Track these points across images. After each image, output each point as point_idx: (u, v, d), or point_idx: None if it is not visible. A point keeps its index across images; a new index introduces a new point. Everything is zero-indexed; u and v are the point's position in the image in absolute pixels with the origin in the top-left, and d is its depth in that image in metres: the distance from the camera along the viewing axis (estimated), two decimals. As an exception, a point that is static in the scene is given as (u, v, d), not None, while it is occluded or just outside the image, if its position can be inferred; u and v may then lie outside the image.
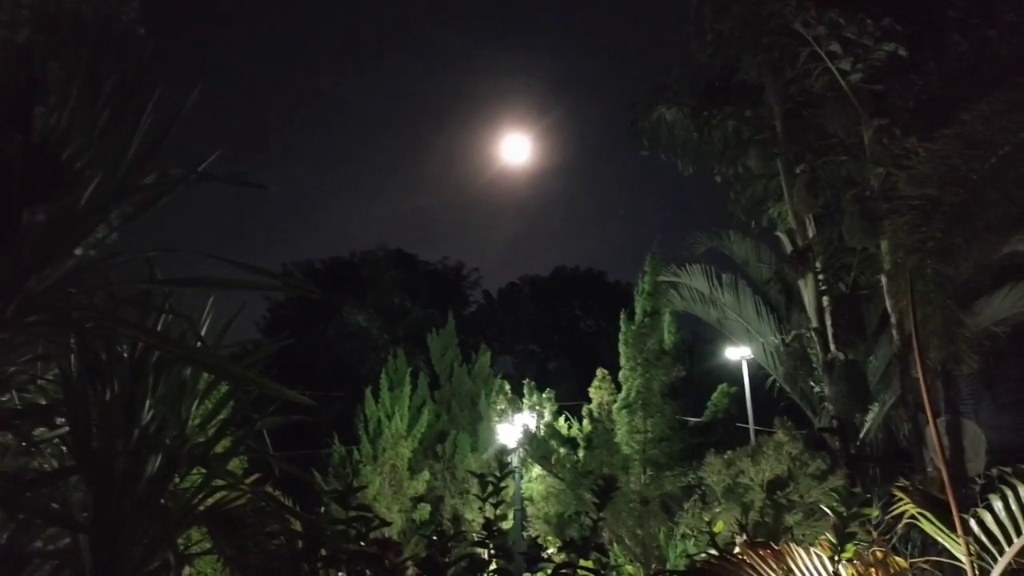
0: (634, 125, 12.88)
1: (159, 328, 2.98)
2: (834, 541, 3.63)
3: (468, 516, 15.17)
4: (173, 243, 2.87)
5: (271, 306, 34.62)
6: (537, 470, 12.28)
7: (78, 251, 2.75)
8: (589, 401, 13.06)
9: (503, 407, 14.54)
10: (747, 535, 4.83)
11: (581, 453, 11.90)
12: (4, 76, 2.64)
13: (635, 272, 13.06)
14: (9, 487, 2.68)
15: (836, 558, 3.60)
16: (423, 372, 17.72)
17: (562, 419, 13.55)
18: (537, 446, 11.75)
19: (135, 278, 2.87)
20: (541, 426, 12.85)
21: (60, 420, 2.86)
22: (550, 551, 10.86)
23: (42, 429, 2.91)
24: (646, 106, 12.69)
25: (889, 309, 9.37)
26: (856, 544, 3.65)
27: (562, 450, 11.90)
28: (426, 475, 15.59)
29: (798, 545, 3.95)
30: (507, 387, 15.39)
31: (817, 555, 3.73)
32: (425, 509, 15.28)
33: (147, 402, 2.83)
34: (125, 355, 2.82)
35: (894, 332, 9.36)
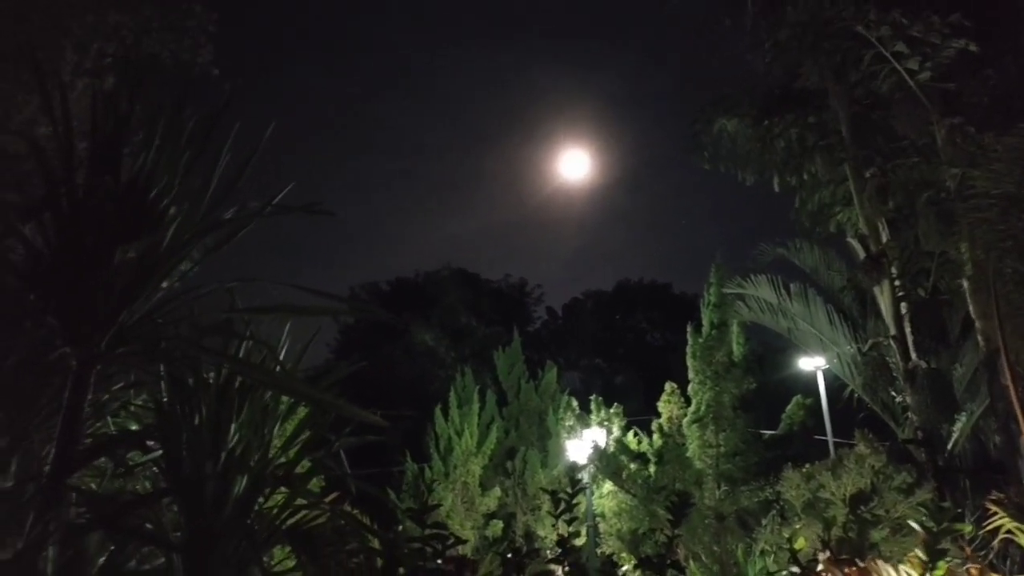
0: (695, 139, 12.79)
1: (241, 355, 3.12)
2: (924, 558, 3.50)
3: (540, 533, 15.13)
4: (245, 269, 3.01)
5: (341, 328, 35.41)
6: (608, 486, 12.18)
7: (164, 284, 2.90)
8: (658, 415, 12.91)
9: (571, 423, 14.51)
10: (831, 552, 4.68)
11: (652, 468, 11.75)
12: (94, 122, 2.80)
13: (699, 283, 12.95)
14: (108, 509, 2.83)
15: (927, 575, 3.48)
16: (490, 389, 17.82)
17: (631, 434, 13.43)
18: (607, 462, 11.67)
19: (217, 307, 3.01)
20: (610, 441, 12.76)
21: (151, 444, 3.02)
22: (624, 568, 10.72)
23: (135, 453, 3.07)
24: (706, 119, 12.58)
25: (972, 314, 8.98)
26: (949, 561, 3.51)
27: (633, 465, 11.78)
28: (497, 492, 15.63)
29: (886, 562, 3.82)
30: (575, 403, 15.37)
31: (907, 572, 3.60)
32: (497, 526, 15.31)
33: (232, 426, 2.96)
34: (210, 382, 2.96)
35: (979, 338, 8.96)
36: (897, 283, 10.40)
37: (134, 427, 3.21)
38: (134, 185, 2.79)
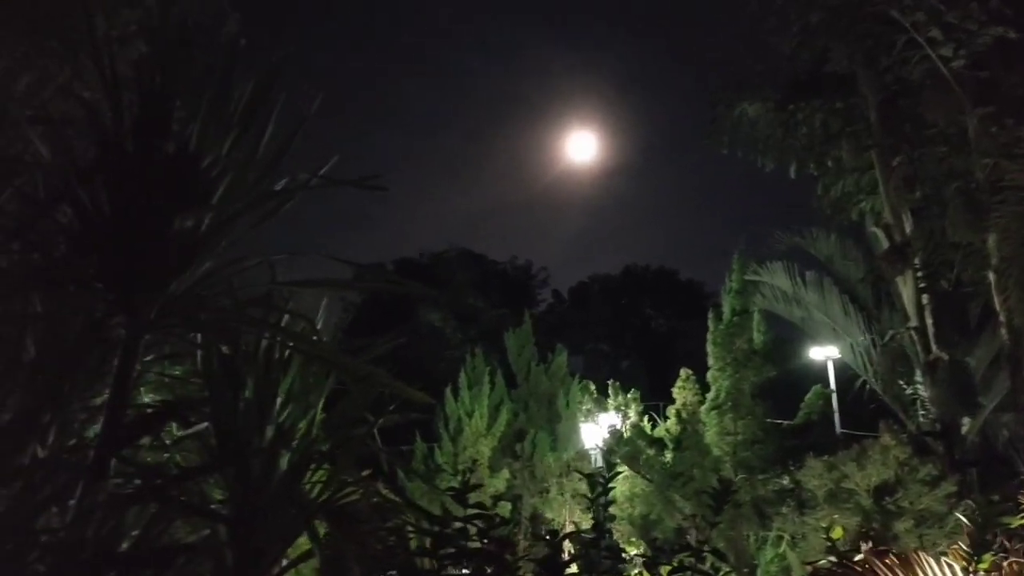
0: (715, 122, 12.64)
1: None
2: (968, 550, 3.46)
3: (548, 515, 15.15)
4: (276, 241, 2.95)
5: (345, 307, 35.31)
6: (622, 471, 12.17)
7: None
8: (664, 401, 12.86)
9: (589, 407, 14.46)
10: (872, 542, 4.65)
11: (668, 454, 11.74)
12: (140, 84, 2.73)
13: (705, 270, 12.92)
14: (155, 481, 2.79)
15: (971, 568, 3.43)
16: (498, 371, 17.75)
17: (645, 419, 13.39)
18: (624, 447, 11.66)
19: (256, 280, 2.95)
20: (627, 426, 12.74)
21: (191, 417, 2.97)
22: (633, 552, 10.73)
23: (173, 425, 3.02)
24: (727, 102, 12.43)
25: (997, 306, 8.88)
26: (994, 554, 3.47)
27: (650, 451, 11.76)
28: (505, 473, 15.63)
29: (912, 553, 3.77)
30: (592, 387, 15.30)
31: (948, 564, 3.55)
32: (505, 507, 15.31)
33: (278, 400, 2.91)
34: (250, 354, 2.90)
35: (1003, 331, 8.86)
36: (920, 274, 10.30)
37: (162, 397, 3.16)
38: (184, 153, 2.73)
